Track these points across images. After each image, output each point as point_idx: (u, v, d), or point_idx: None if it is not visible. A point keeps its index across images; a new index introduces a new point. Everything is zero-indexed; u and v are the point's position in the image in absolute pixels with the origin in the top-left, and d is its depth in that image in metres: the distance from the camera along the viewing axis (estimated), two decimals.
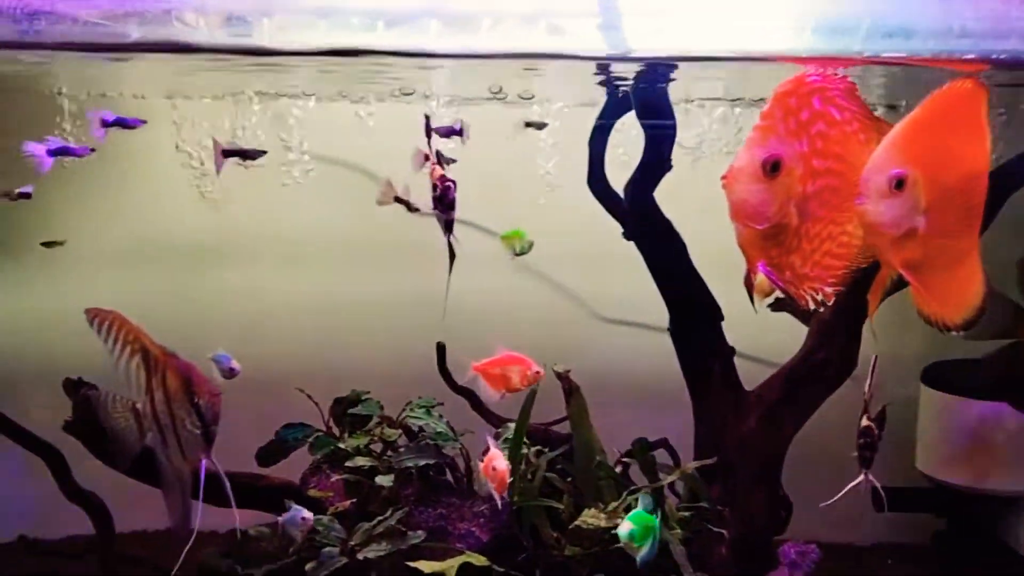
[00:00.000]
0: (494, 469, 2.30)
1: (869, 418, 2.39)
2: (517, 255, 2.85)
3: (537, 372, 2.41)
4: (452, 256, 2.29)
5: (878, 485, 2.45)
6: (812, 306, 1.65)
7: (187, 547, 2.08)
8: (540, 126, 3.02)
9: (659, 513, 2.20)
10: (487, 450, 2.44)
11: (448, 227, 2.25)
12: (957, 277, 1.60)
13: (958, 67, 2.22)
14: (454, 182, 2.19)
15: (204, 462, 1.83)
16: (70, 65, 2.89)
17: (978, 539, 3.21)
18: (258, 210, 3.50)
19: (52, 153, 2.46)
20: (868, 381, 2.41)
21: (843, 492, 2.46)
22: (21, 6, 2.34)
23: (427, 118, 2.33)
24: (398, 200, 2.59)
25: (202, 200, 3.35)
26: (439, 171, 2.15)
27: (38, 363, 3.46)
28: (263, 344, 3.48)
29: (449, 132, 2.63)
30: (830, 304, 2.82)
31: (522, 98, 3.02)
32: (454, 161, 2.59)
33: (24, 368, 3.48)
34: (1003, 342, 2.80)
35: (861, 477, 2.43)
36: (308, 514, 2.40)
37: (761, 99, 2.93)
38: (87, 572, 2.90)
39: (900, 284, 1.68)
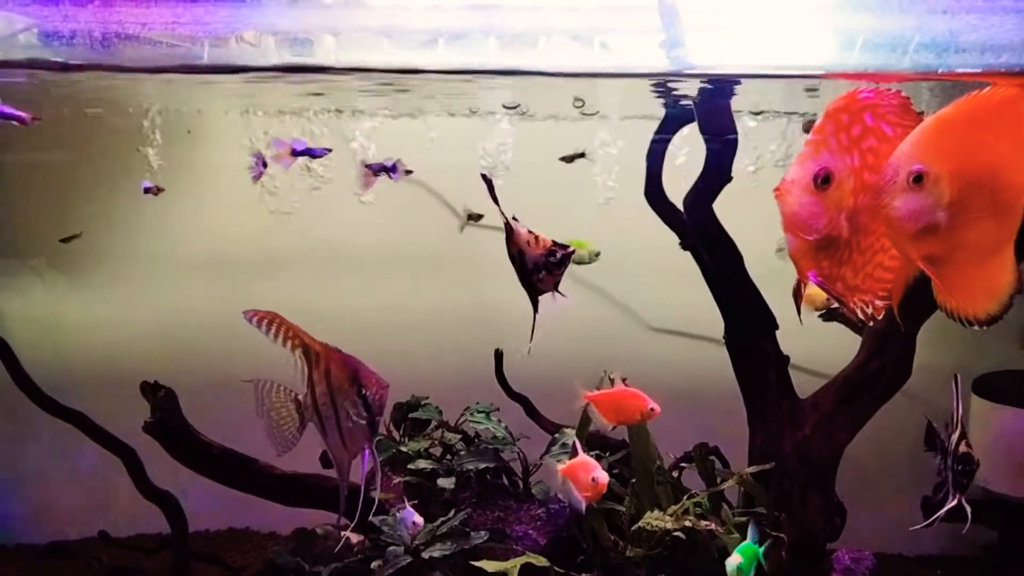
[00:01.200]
0: (594, 480, 2.28)
1: (968, 444, 2.37)
2: (584, 263, 2.93)
3: (652, 409, 2.40)
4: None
5: (968, 510, 2.42)
6: (862, 318, 1.65)
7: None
8: (572, 158, 3.12)
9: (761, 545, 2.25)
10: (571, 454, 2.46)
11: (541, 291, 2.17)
12: (985, 272, 1.58)
13: (1004, 80, 2.27)
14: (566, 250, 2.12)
15: (367, 450, 1.93)
16: (144, 84, 3.06)
17: None
18: (322, 223, 3.63)
19: (296, 153, 2.57)
20: (955, 402, 2.39)
21: (938, 516, 2.47)
22: (98, 30, 2.49)
23: (487, 180, 2.34)
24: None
25: (269, 214, 3.48)
26: (547, 241, 2.10)
27: (113, 367, 3.61)
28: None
29: (380, 169, 2.76)
30: (882, 315, 2.92)
31: (584, 114, 3.11)
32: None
33: (100, 372, 3.64)
34: None
35: (955, 500, 2.41)
36: (419, 518, 2.48)
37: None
38: (161, 567, 3.01)
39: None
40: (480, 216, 3.15)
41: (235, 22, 2.52)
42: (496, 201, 2.18)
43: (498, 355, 3.12)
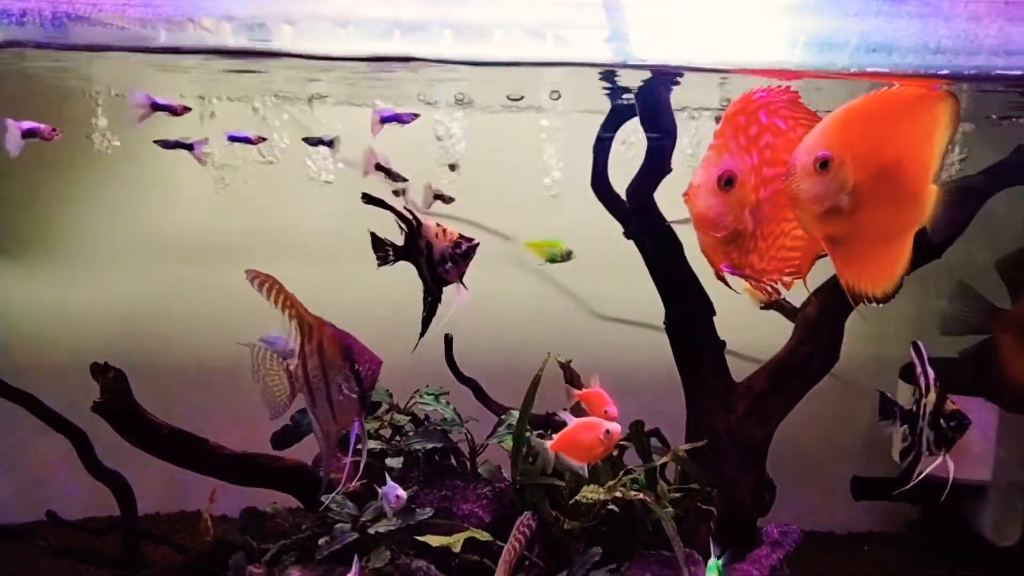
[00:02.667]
0: (607, 433, 2.29)
1: (953, 402, 2.42)
2: (556, 262, 3.03)
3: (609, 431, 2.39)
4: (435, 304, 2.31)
5: (951, 466, 2.47)
6: (773, 296, 1.81)
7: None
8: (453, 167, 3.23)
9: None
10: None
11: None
12: (883, 254, 1.70)
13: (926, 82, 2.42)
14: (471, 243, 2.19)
15: (356, 425, 1.98)
16: (102, 66, 3.07)
17: (950, 526, 3.40)
18: (279, 209, 3.66)
19: (385, 120, 2.59)
20: (922, 368, 2.42)
21: (922, 474, 2.52)
22: (53, 10, 2.51)
23: (385, 169, 2.40)
24: (379, 168, 2.75)
25: (224, 200, 3.50)
26: (454, 233, 2.18)
27: (57, 352, 3.61)
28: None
29: (318, 142, 2.87)
30: (815, 302, 3.07)
31: (533, 107, 3.21)
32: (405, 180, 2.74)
33: (53, 357, 3.64)
34: (978, 339, 3.00)
35: (941, 458, 2.47)
36: (403, 492, 2.52)
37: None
38: (110, 548, 3.03)
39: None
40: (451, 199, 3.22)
41: (192, 7, 2.56)
42: (396, 179, 2.25)
43: (448, 340, 3.20)
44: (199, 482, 2.94)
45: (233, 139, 2.95)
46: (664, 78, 2.58)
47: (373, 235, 2.16)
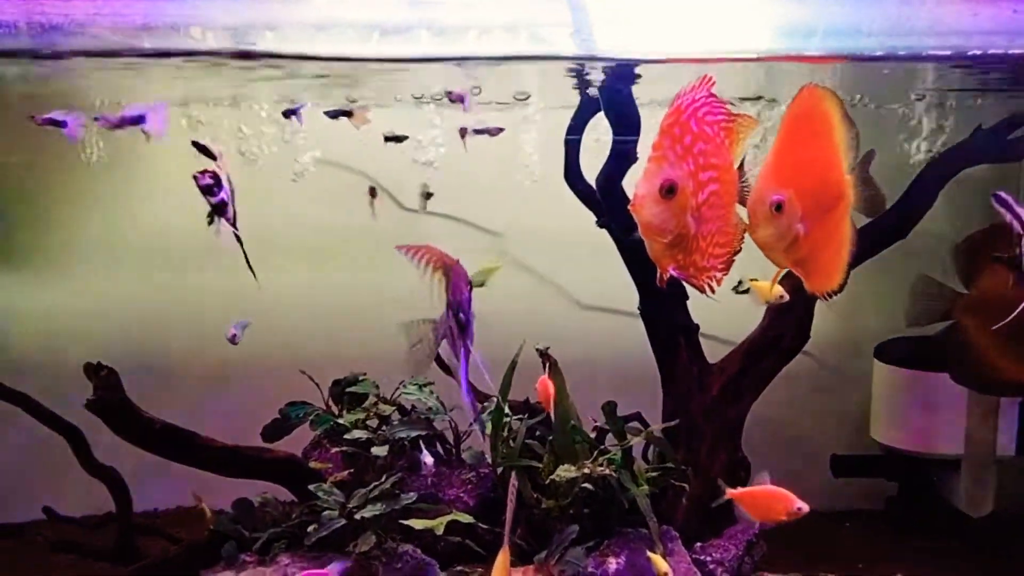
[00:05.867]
0: (798, 510, 2.30)
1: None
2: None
3: (799, 508, 2.38)
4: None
5: None
6: (711, 291, 1.90)
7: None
8: (399, 139, 3.32)
9: None
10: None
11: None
12: (831, 254, 1.87)
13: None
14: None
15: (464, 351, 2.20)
16: (83, 79, 3.17)
17: (926, 500, 3.47)
18: (263, 209, 3.74)
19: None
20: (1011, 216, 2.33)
21: None
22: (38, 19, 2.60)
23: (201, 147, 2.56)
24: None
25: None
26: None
27: (58, 355, 3.71)
28: (267, 333, 3.73)
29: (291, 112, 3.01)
30: (785, 283, 3.15)
31: (516, 98, 3.29)
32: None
33: (44, 360, 3.74)
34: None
35: None
36: (430, 459, 2.71)
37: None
38: (106, 541, 3.12)
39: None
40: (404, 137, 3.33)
41: (178, 16, 2.64)
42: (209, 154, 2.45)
43: None
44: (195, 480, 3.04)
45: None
46: (625, 73, 2.67)
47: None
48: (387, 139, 3.26)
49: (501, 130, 3.21)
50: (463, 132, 3.24)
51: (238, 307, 3.59)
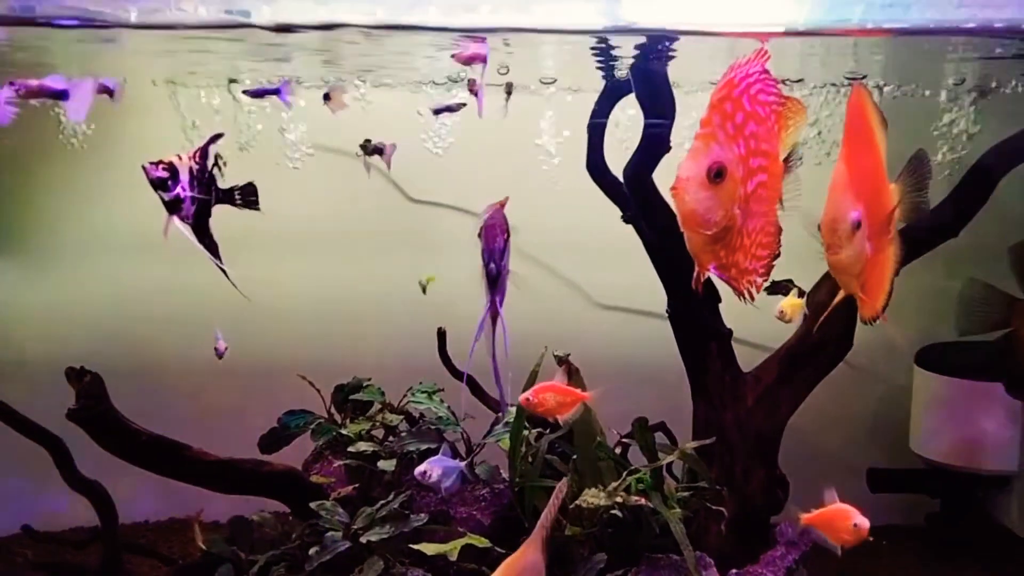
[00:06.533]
0: (856, 527, 2.14)
1: None
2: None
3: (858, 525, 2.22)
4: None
5: None
6: (751, 298, 1.71)
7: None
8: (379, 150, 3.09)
9: None
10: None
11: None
12: (879, 272, 1.75)
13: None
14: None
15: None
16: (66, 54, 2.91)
17: (971, 519, 3.26)
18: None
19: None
20: None
21: None
22: None
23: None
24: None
25: None
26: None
27: (39, 355, 3.48)
28: (263, 334, 3.50)
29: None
30: (826, 285, 2.92)
31: (542, 82, 3.04)
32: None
33: (25, 360, 3.50)
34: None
35: None
36: (450, 481, 2.47)
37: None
38: (92, 561, 2.91)
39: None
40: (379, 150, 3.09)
41: None
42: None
43: (441, 334, 3.05)
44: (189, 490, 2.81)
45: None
46: (659, 50, 2.41)
47: None
48: (366, 151, 3.00)
49: (463, 105, 2.96)
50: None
51: (224, 304, 3.36)
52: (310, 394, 3.07)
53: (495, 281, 1.96)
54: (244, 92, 2.90)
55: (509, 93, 3.01)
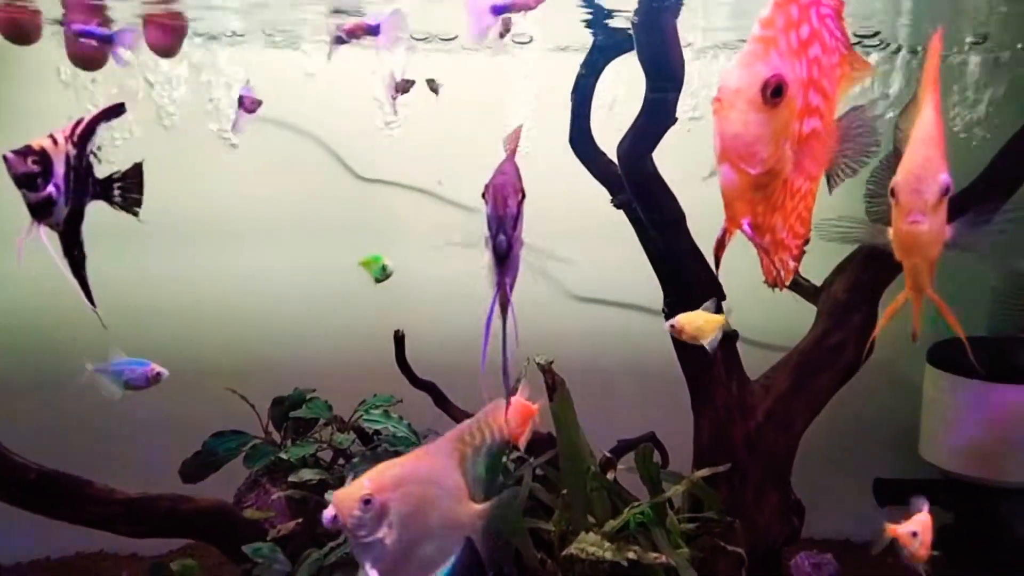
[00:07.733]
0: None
1: None
2: (378, 281, 2.57)
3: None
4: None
5: None
6: (782, 284, 1.40)
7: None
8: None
9: None
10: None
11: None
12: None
13: None
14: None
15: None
16: None
17: (990, 535, 2.96)
18: (183, 179, 2.98)
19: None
20: None
21: None
22: None
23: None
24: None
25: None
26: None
27: None
28: (181, 338, 2.99)
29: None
30: (841, 279, 2.56)
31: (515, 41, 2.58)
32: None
33: None
34: None
35: None
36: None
37: None
38: None
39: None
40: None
41: None
42: None
43: (398, 337, 2.60)
44: None
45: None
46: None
47: None
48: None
49: (412, 83, 2.51)
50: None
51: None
52: (243, 409, 2.60)
53: (504, 258, 1.49)
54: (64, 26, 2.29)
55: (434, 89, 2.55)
